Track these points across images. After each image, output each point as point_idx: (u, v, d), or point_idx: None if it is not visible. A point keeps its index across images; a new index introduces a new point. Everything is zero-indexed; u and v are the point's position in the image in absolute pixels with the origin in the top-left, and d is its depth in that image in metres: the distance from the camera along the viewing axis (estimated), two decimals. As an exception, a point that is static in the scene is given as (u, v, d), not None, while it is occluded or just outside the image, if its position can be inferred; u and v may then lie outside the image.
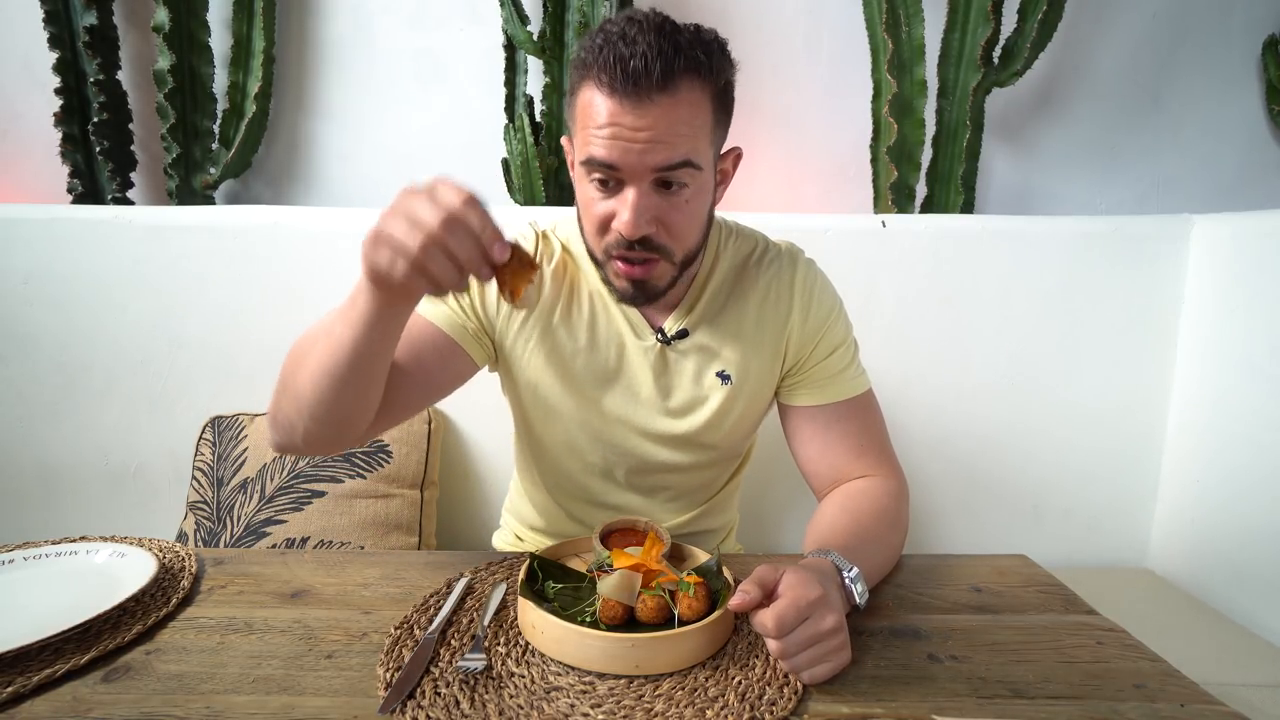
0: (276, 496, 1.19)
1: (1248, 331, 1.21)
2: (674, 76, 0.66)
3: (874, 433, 0.85)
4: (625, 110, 0.67)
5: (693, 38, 0.68)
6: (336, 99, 1.62)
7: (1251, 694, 0.97)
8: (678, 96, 0.67)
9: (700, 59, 0.68)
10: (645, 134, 0.67)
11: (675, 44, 0.66)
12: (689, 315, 0.83)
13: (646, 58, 0.65)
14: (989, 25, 1.40)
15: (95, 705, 0.54)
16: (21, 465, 1.35)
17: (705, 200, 0.75)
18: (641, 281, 0.75)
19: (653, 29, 0.67)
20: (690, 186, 0.71)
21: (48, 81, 1.48)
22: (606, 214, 0.72)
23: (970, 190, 1.51)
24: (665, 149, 0.68)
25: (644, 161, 0.68)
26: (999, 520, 1.40)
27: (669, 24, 0.68)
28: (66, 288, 1.30)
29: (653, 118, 0.66)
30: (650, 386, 0.84)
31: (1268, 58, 1.57)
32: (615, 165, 0.69)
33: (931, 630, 0.66)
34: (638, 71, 0.65)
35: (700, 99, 0.69)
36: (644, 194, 0.70)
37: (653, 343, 0.83)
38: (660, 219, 0.71)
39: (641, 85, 0.65)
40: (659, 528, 0.75)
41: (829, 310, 0.85)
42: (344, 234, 1.32)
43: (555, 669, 0.59)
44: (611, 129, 0.67)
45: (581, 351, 0.84)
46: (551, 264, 0.84)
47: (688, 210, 0.72)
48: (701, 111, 0.70)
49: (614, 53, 0.66)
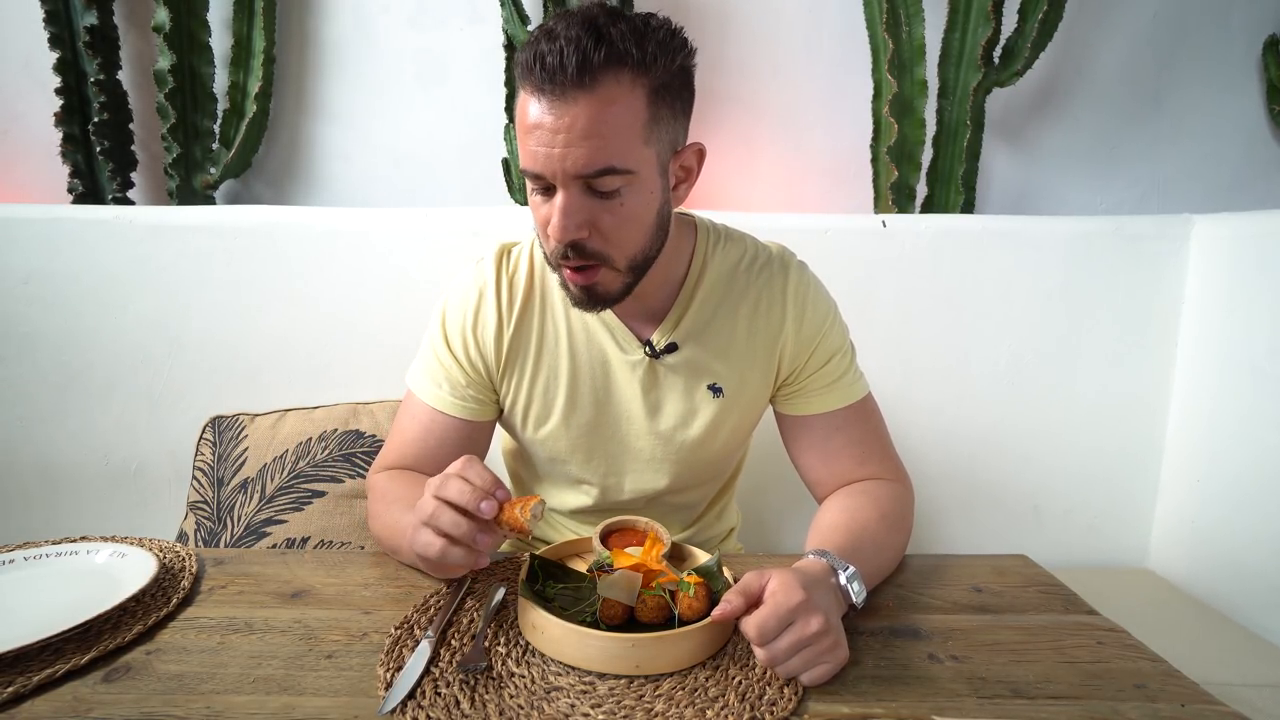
0: (277, 496, 1.19)
1: (1248, 331, 1.21)
2: (592, 70, 0.61)
3: (876, 438, 0.84)
4: (545, 110, 0.63)
5: (627, 28, 0.63)
6: (336, 99, 1.62)
7: (1251, 694, 0.97)
8: (597, 93, 0.62)
9: (628, 51, 0.62)
10: (563, 136, 0.62)
11: (599, 35, 0.61)
12: (677, 327, 0.81)
13: (564, 51, 0.60)
14: (989, 25, 1.40)
15: (95, 705, 0.54)
16: (22, 465, 1.35)
17: (649, 202, 0.69)
18: (588, 288, 0.71)
19: (580, 21, 0.62)
20: (624, 189, 0.66)
21: (48, 81, 1.48)
22: (545, 219, 0.68)
23: (970, 190, 1.51)
24: (584, 154, 0.63)
25: (563, 168, 0.63)
26: (999, 520, 1.40)
27: (603, 15, 0.63)
28: (67, 288, 1.30)
29: (570, 117, 0.62)
30: (639, 404, 0.82)
31: (1268, 58, 1.57)
32: (539, 174, 0.65)
33: (932, 630, 0.66)
34: (553, 67, 0.61)
35: (628, 95, 0.63)
36: (572, 197, 0.65)
37: (640, 357, 0.81)
38: (593, 224, 0.67)
39: (557, 81, 0.61)
40: (659, 528, 0.75)
41: (823, 317, 0.83)
42: (344, 234, 1.32)
43: (555, 669, 0.58)
44: (535, 134, 0.64)
45: (566, 379, 0.82)
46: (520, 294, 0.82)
47: (624, 213, 0.67)
48: (630, 109, 0.64)
49: (536, 49, 0.62)
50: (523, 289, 0.82)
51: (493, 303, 0.82)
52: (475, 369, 0.83)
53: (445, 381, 0.83)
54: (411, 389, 0.85)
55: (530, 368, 0.83)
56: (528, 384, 0.83)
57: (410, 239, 1.32)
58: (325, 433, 1.24)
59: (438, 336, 0.84)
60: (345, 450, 1.22)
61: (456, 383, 0.82)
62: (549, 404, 0.84)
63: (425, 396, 0.83)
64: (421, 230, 1.32)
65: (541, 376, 0.83)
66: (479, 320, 0.82)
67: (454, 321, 0.83)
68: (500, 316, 0.81)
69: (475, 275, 0.84)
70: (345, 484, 1.21)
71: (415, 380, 0.85)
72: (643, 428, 0.84)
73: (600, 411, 0.84)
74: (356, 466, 1.22)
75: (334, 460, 1.23)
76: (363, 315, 1.33)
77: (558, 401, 0.83)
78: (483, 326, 0.82)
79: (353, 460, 1.23)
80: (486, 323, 0.82)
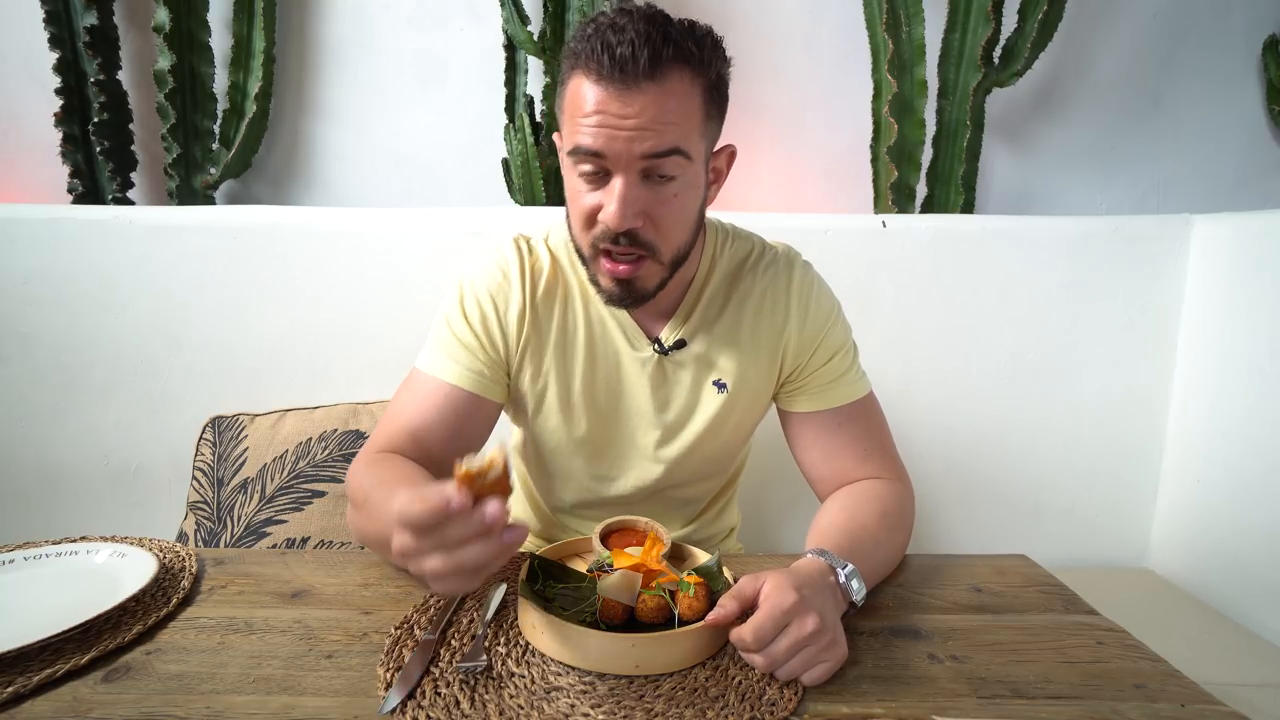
0: (277, 496, 1.19)
1: (1248, 331, 1.21)
2: (662, 64, 0.65)
3: (877, 436, 0.84)
4: (612, 97, 0.65)
5: (684, 30, 0.68)
6: (336, 99, 1.62)
7: (1251, 694, 0.97)
8: (666, 85, 0.66)
9: (690, 50, 0.67)
10: (632, 120, 0.65)
11: (665, 33, 0.65)
12: (686, 323, 0.82)
13: (634, 44, 0.64)
14: (989, 25, 1.40)
15: (95, 705, 0.54)
16: (22, 465, 1.35)
17: (695, 196, 0.73)
18: (628, 281, 0.73)
19: (643, 19, 0.66)
20: (679, 179, 0.69)
21: (48, 81, 1.48)
22: (593, 207, 0.70)
23: (970, 190, 1.51)
24: (653, 136, 0.66)
25: (631, 149, 0.66)
26: (999, 520, 1.40)
27: (661, 15, 0.68)
28: (67, 288, 1.30)
29: (640, 105, 0.65)
30: (648, 400, 0.84)
31: (1268, 58, 1.57)
32: (601, 153, 0.67)
33: (931, 630, 0.66)
34: (625, 58, 0.64)
35: (690, 90, 0.68)
36: (631, 184, 0.68)
37: (650, 354, 0.82)
38: (648, 212, 0.69)
39: (628, 71, 0.64)
40: (659, 528, 0.75)
41: (827, 315, 0.84)
42: (344, 234, 1.32)
43: (555, 669, 0.58)
44: (598, 116, 0.66)
45: (581, 373, 0.83)
46: (543, 282, 0.82)
47: (676, 204, 0.70)
48: (691, 103, 0.68)
49: (602, 40, 0.65)
50: (545, 277, 0.83)
51: (518, 284, 0.82)
52: (494, 345, 0.82)
53: (461, 352, 0.81)
54: (418, 367, 0.82)
55: (548, 356, 0.83)
56: (544, 372, 0.83)
57: (410, 239, 1.32)
58: (325, 433, 1.24)
59: (454, 312, 0.82)
60: (345, 450, 1.22)
61: (472, 356, 0.81)
62: (563, 394, 0.84)
63: (434, 369, 0.80)
64: (421, 230, 1.32)
65: (559, 366, 0.83)
66: (503, 299, 0.82)
67: (476, 297, 0.82)
68: (524, 299, 0.81)
69: (497, 258, 0.84)
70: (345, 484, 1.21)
71: (423, 359, 0.83)
72: (650, 423, 0.84)
73: (611, 406, 0.85)
74: (356, 466, 1.22)
75: (334, 460, 1.23)
76: (362, 315, 1.33)
77: (572, 393, 0.83)
78: (506, 306, 0.82)
79: (352, 460, 1.23)
80: (511, 303, 0.81)
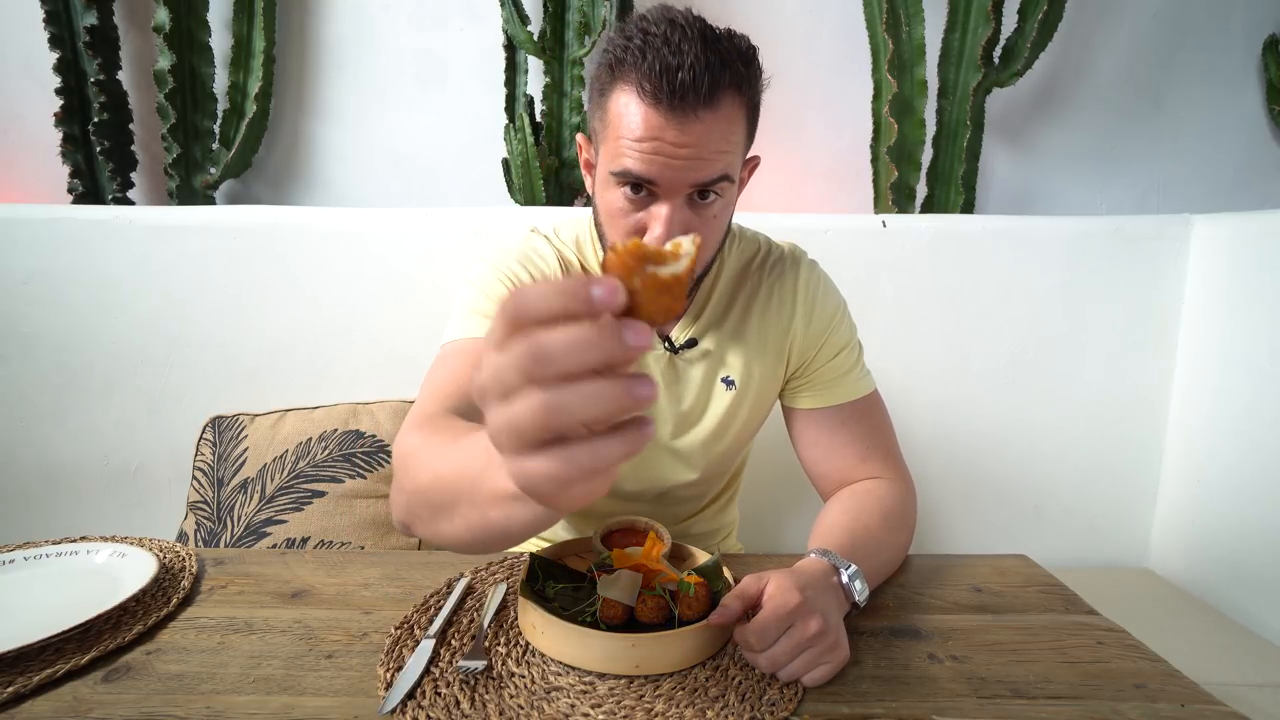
0: (277, 496, 1.19)
1: (1248, 331, 1.21)
2: (719, 91, 0.63)
3: (880, 435, 0.85)
4: (669, 125, 0.63)
5: (731, 47, 0.65)
6: (336, 99, 1.62)
7: (1251, 694, 0.97)
8: (719, 112, 0.64)
9: (741, 72, 0.65)
10: (687, 150, 0.64)
11: (722, 58, 0.63)
12: (696, 322, 0.83)
13: (695, 70, 0.62)
14: (989, 25, 1.40)
15: (95, 705, 0.54)
16: (22, 465, 1.35)
17: (729, 210, 0.73)
18: None
19: (698, 37, 0.63)
20: (721, 199, 0.70)
21: (48, 81, 1.48)
22: (638, 224, 0.69)
23: (970, 190, 1.51)
24: (706, 165, 0.65)
25: (683, 178, 0.66)
26: (1000, 520, 1.40)
27: (711, 33, 0.65)
28: (67, 288, 1.30)
29: (696, 135, 0.64)
30: (662, 397, 0.84)
31: (1268, 58, 1.57)
32: (654, 181, 0.66)
33: (931, 630, 0.66)
34: (685, 85, 0.62)
35: (738, 113, 0.67)
36: (678, 208, 0.67)
37: (661, 352, 0.83)
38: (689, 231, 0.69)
39: (689, 100, 0.62)
40: (659, 528, 0.75)
41: (832, 313, 0.85)
42: (344, 234, 1.32)
43: (555, 669, 0.58)
44: (653, 143, 0.64)
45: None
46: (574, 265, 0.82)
47: (715, 223, 0.71)
48: (738, 125, 0.68)
49: (660, 61, 0.62)
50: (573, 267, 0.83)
51: (552, 258, 0.81)
52: None
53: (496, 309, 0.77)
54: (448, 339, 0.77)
55: None
56: None
57: (410, 239, 1.32)
58: (325, 433, 1.24)
59: (487, 277, 0.79)
60: (345, 450, 1.22)
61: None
62: None
63: (470, 331, 0.75)
64: (421, 230, 1.32)
65: None
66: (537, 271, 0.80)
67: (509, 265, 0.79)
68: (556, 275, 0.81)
69: (522, 242, 0.84)
70: (345, 484, 1.21)
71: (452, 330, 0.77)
72: (663, 420, 0.85)
73: None
74: (356, 466, 1.22)
75: (334, 460, 1.23)
76: (363, 315, 1.33)
77: None
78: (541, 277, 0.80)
79: (353, 460, 1.23)
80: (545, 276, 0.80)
